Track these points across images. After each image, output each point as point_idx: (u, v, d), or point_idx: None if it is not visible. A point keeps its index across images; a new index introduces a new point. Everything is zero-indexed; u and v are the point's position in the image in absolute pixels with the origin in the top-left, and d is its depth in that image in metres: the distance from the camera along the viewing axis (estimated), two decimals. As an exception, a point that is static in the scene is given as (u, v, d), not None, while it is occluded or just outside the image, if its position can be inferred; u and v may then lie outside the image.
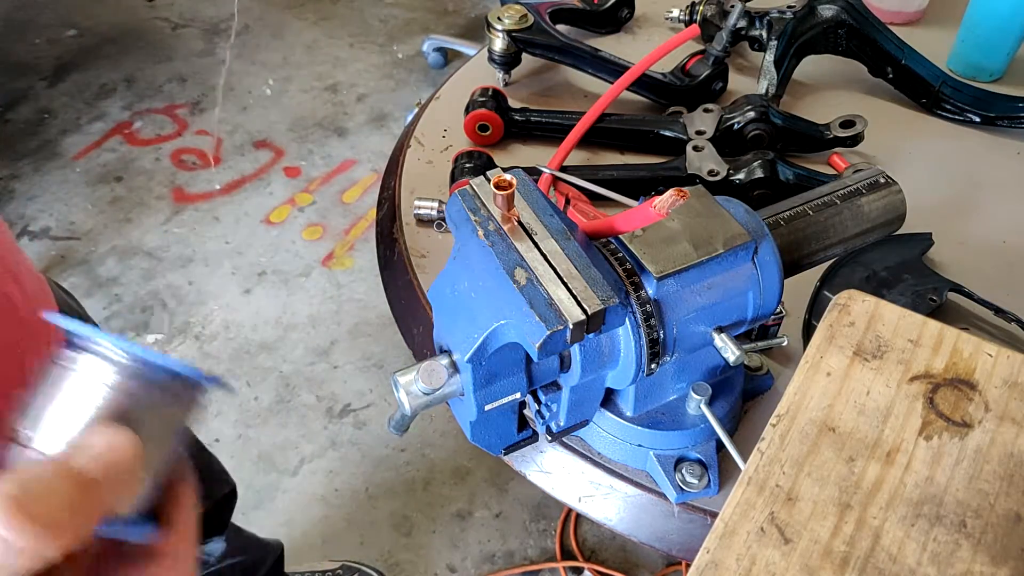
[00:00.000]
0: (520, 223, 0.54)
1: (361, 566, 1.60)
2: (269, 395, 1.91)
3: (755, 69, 1.05)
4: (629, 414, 0.64)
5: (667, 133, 0.91)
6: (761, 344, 0.69)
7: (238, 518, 1.28)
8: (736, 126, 0.89)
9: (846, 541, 0.45)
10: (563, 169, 0.87)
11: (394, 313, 0.85)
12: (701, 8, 1.05)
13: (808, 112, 0.97)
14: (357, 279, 2.16)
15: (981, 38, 1.04)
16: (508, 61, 0.99)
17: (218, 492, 1.21)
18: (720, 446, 0.64)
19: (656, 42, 1.11)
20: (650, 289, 0.55)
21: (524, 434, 0.65)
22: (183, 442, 0.39)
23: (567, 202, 0.80)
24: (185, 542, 0.38)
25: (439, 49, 2.75)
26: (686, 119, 0.92)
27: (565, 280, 0.51)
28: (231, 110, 2.61)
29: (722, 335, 0.58)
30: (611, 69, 0.98)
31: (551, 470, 0.69)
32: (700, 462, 0.64)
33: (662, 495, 0.65)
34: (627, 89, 0.98)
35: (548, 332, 0.49)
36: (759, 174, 0.83)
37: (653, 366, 0.57)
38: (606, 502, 0.67)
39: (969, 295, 0.76)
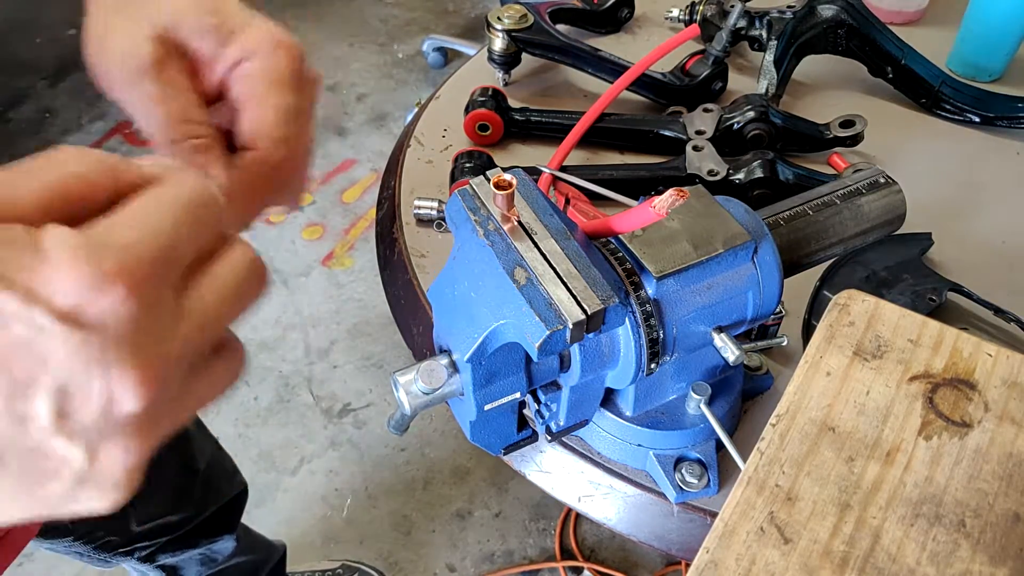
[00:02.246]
0: (520, 223, 0.54)
1: (361, 565, 1.60)
2: (269, 395, 1.91)
3: (755, 69, 1.05)
4: (629, 414, 0.64)
5: (667, 133, 0.91)
6: (761, 344, 0.70)
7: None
8: (736, 126, 0.89)
9: (846, 541, 0.45)
10: (563, 169, 0.87)
11: (394, 313, 0.85)
12: (701, 8, 1.05)
13: (808, 112, 0.97)
14: (357, 279, 2.16)
15: (981, 38, 1.04)
16: (508, 61, 0.99)
17: (229, 491, 1.21)
18: (720, 446, 0.64)
19: (656, 42, 1.11)
20: (650, 289, 0.55)
21: (524, 434, 0.65)
22: None
23: (567, 202, 0.80)
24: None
25: (439, 49, 2.75)
26: (686, 119, 0.92)
27: (565, 280, 0.51)
28: (231, 110, 2.61)
29: (722, 335, 0.58)
30: (611, 69, 0.98)
31: (551, 470, 0.69)
32: (700, 462, 0.64)
33: (662, 495, 0.65)
34: (627, 89, 0.98)
35: (548, 332, 0.49)
36: (759, 174, 0.83)
37: (653, 366, 0.57)
38: (606, 502, 0.67)
39: (969, 295, 0.76)
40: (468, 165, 0.86)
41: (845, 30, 0.99)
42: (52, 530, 0.92)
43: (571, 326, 0.49)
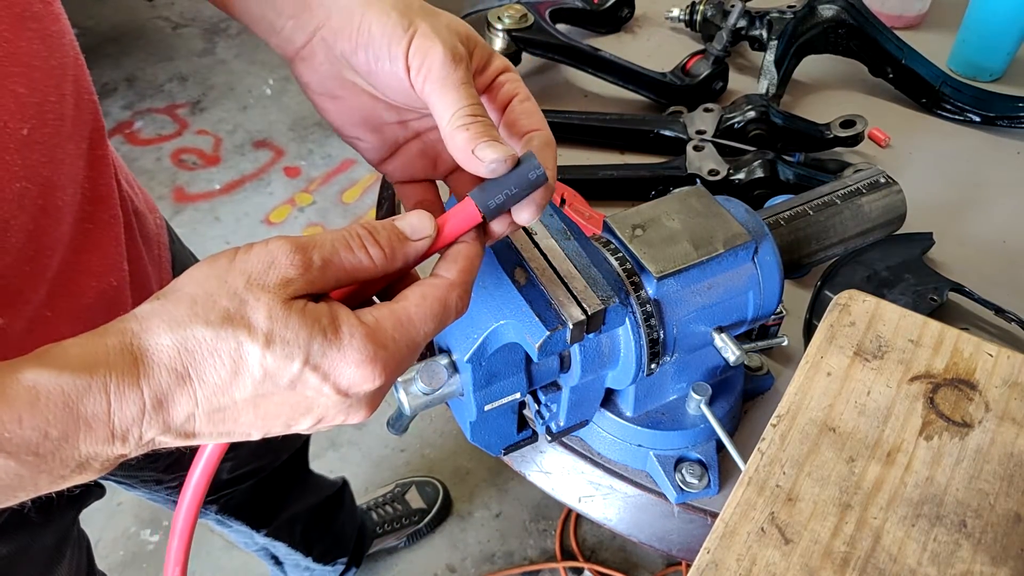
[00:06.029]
0: (520, 223, 0.54)
1: (415, 479, 1.70)
2: (269, 395, 1.91)
3: (755, 69, 1.05)
4: (629, 414, 0.64)
5: (667, 133, 0.91)
6: (761, 344, 0.69)
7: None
8: (736, 126, 0.89)
9: (846, 541, 0.45)
10: (562, 169, 0.87)
11: (394, 313, 0.85)
12: (701, 8, 1.05)
13: (808, 112, 0.96)
14: (357, 279, 2.16)
15: (981, 38, 1.04)
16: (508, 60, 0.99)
17: (299, 438, 1.27)
18: (720, 446, 0.64)
19: (656, 42, 1.11)
20: (650, 289, 0.55)
21: (524, 434, 0.64)
22: None
23: (562, 202, 0.80)
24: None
25: (439, 49, 2.75)
26: (686, 119, 0.92)
27: (565, 280, 0.51)
28: (231, 110, 2.61)
29: (722, 335, 0.58)
30: (611, 69, 0.98)
31: (551, 470, 0.69)
32: (700, 462, 0.64)
33: (662, 495, 0.65)
34: (627, 88, 0.98)
35: (548, 332, 0.49)
36: (759, 174, 0.83)
37: (653, 366, 0.57)
38: (606, 502, 0.67)
39: (970, 295, 0.76)
40: (468, 165, 0.86)
41: (845, 30, 0.99)
42: (147, 480, 0.96)
43: (571, 326, 0.49)
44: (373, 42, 0.46)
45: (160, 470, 0.92)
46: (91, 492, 0.85)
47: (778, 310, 0.67)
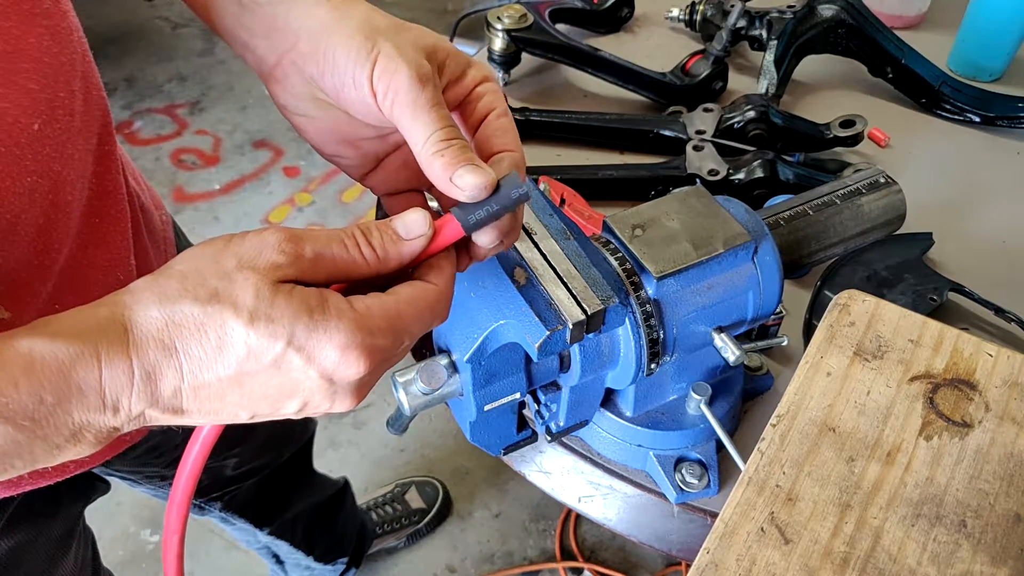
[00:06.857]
0: (520, 223, 0.54)
1: (414, 479, 1.70)
2: (269, 395, 1.91)
3: (755, 69, 1.05)
4: (629, 414, 0.64)
5: (667, 133, 0.91)
6: (761, 344, 0.69)
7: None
8: (736, 126, 0.89)
9: (846, 541, 0.45)
10: (563, 169, 0.87)
11: (394, 313, 0.85)
12: (701, 8, 1.05)
13: (808, 112, 0.96)
14: (357, 279, 2.15)
15: (981, 38, 1.04)
16: (508, 60, 0.99)
17: (302, 436, 1.28)
18: (720, 446, 0.64)
19: (656, 42, 1.11)
20: (650, 289, 0.55)
21: (523, 434, 0.64)
22: None
23: (562, 202, 0.80)
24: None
25: (439, 49, 2.74)
26: (686, 119, 0.92)
27: (565, 280, 0.51)
28: (231, 110, 2.61)
29: (722, 335, 0.58)
30: (611, 69, 0.98)
31: (551, 470, 0.69)
32: (700, 462, 0.64)
33: (662, 495, 0.65)
34: (627, 88, 0.98)
35: (547, 332, 0.49)
36: (759, 174, 0.83)
37: (653, 366, 0.57)
38: (606, 502, 0.67)
39: (969, 295, 0.76)
40: (468, 165, 0.86)
41: (845, 30, 0.99)
42: (151, 476, 0.96)
43: (571, 326, 0.49)
44: (338, 69, 0.45)
45: (163, 466, 0.92)
46: (96, 487, 0.85)
47: (778, 310, 0.67)
